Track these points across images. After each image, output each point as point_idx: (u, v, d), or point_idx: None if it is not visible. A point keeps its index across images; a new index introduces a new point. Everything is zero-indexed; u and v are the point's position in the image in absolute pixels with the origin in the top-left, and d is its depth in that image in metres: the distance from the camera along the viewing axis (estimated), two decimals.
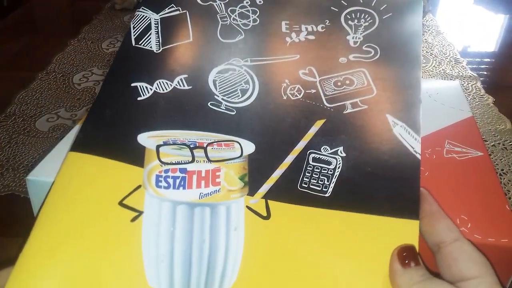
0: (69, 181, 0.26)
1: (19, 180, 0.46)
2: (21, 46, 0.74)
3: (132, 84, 0.30)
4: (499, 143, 0.52)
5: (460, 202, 0.28)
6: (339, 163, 0.27)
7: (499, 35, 0.85)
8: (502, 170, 0.48)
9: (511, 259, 0.26)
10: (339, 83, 0.31)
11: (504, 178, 0.46)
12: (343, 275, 0.23)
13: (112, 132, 0.28)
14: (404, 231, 0.24)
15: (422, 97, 0.39)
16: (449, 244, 0.23)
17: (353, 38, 0.33)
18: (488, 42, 0.82)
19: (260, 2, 0.35)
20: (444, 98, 0.41)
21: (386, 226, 0.24)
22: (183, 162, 0.27)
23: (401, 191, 0.26)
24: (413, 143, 0.28)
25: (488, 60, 0.75)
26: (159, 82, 0.31)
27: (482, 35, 0.84)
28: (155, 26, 0.34)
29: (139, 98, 0.30)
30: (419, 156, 0.27)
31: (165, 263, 0.24)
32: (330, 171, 0.27)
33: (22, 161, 0.49)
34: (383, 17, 0.34)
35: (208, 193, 0.26)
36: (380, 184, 0.26)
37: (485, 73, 0.69)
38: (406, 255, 0.23)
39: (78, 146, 0.28)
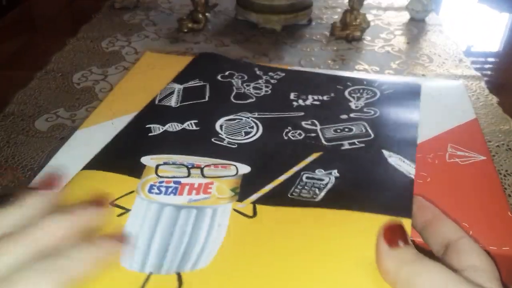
0: (68, 190, 0.28)
1: (17, 181, 0.46)
2: (20, 45, 0.74)
3: (147, 126, 0.34)
4: (503, 144, 0.51)
5: (462, 209, 0.28)
6: (332, 181, 0.28)
7: (503, 34, 0.84)
8: (507, 171, 0.47)
9: None
10: (338, 130, 0.34)
11: (508, 179, 0.46)
12: (325, 266, 0.23)
13: (118, 153, 0.31)
14: None
15: (424, 98, 0.40)
16: (456, 241, 0.22)
17: (355, 104, 0.37)
18: (493, 41, 0.81)
19: (274, 81, 0.41)
20: (447, 98, 0.41)
21: (376, 222, 0.23)
22: (178, 176, 0.29)
23: (393, 197, 0.26)
24: (407, 169, 0.29)
25: (493, 59, 0.74)
26: (171, 124, 0.34)
27: (487, 34, 0.83)
28: (177, 92, 0.39)
29: (149, 134, 0.33)
30: (413, 177, 0.28)
31: (141, 249, 0.24)
32: (323, 184, 0.28)
33: (21, 161, 0.48)
34: (384, 92, 0.38)
35: (197, 199, 0.27)
36: (372, 192, 0.27)
37: (490, 72, 0.69)
38: (394, 234, 0.21)
39: (87, 166, 0.30)
